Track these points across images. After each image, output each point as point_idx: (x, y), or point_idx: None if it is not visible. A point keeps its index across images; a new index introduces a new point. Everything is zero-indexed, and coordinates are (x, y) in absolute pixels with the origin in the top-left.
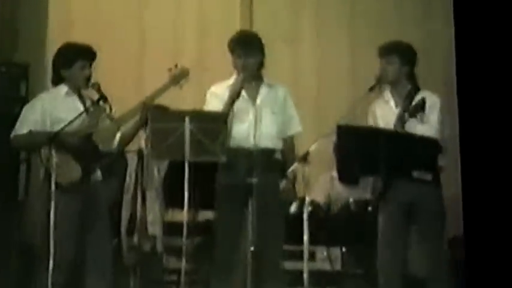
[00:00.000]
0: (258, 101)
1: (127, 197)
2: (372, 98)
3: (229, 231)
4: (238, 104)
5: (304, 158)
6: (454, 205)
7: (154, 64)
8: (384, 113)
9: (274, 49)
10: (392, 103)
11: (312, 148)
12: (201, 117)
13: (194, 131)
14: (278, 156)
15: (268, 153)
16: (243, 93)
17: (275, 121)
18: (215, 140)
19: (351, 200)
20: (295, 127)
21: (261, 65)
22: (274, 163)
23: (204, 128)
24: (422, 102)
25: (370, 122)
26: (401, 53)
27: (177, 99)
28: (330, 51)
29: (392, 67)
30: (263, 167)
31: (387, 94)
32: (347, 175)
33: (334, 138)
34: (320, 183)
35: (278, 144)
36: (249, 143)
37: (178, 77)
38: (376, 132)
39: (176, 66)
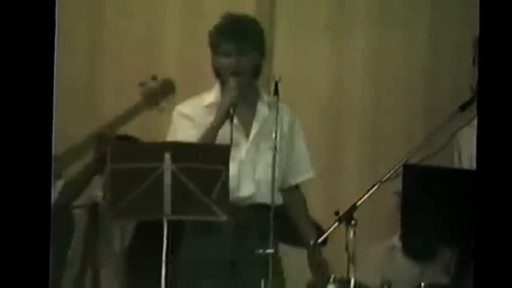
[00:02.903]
0: (254, 129)
1: (70, 276)
2: (455, 120)
3: None
4: (224, 135)
5: (349, 216)
6: None
7: (118, 73)
8: (472, 149)
9: (306, 42)
10: None
11: (362, 201)
12: (189, 153)
13: (179, 175)
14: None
15: (264, 212)
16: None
17: (277, 162)
18: (211, 189)
19: (423, 284)
20: (305, 171)
21: (257, 69)
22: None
23: (193, 169)
24: None
25: (455, 160)
26: None
27: (153, 126)
28: (395, 45)
29: None
30: (260, 234)
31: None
32: (417, 244)
33: (397, 185)
34: (372, 257)
35: (280, 198)
36: (240, 196)
37: (157, 95)
38: (467, 177)
39: (154, 78)
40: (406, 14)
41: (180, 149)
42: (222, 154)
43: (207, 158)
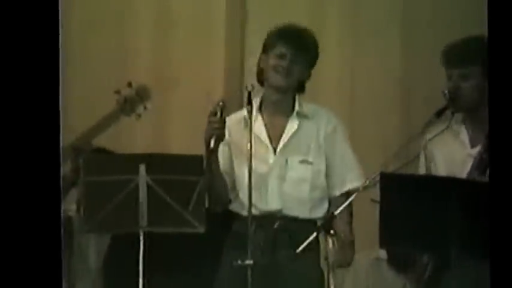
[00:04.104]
0: (281, 143)
1: None
2: (430, 127)
3: None
4: (252, 149)
5: (328, 226)
6: None
7: (91, 83)
8: (451, 154)
9: None
10: (465, 139)
11: (340, 209)
12: (165, 164)
13: (154, 186)
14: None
15: (295, 225)
16: (260, 130)
17: (308, 176)
18: (187, 200)
19: None
20: (350, 181)
21: (301, 84)
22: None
23: (169, 181)
24: None
25: (421, 168)
26: (483, 61)
27: (128, 138)
28: (369, 56)
29: (468, 84)
30: (289, 247)
31: (458, 124)
32: (401, 254)
33: (375, 193)
34: (356, 268)
35: (317, 211)
36: (265, 209)
37: (133, 101)
38: (447, 184)
39: (130, 85)
40: (378, 24)
41: (154, 161)
42: (198, 165)
43: (182, 169)
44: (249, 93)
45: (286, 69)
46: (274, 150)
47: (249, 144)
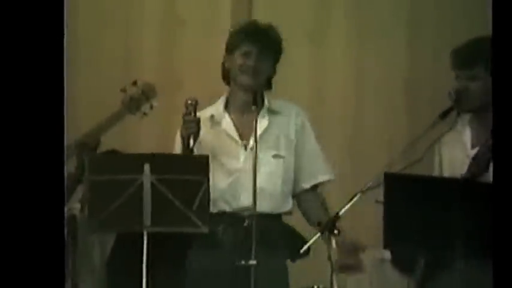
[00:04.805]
0: (252, 140)
1: None
2: (441, 127)
3: None
4: (222, 146)
5: (332, 226)
6: None
7: (97, 83)
8: (454, 155)
9: (284, 51)
10: (468, 140)
11: (344, 210)
12: (169, 164)
13: (158, 186)
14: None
15: (267, 221)
16: (229, 127)
17: (281, 170)
18: (191, 200)
19: None
20: (320, 173)
21: (268, 81)
22: (278, 236)
23: (173, 180)
24: None
25: (436, 167)
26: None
27: (134, 137)
28: (374, 56)
29: (476, 85)
30: (261, 243)
31: (463, 124)
32: (405, 255)
33: (379, 193)
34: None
35: (285, 205)
36: (238, 205)
37: (138, 100)
38: (451, 185)
39: (135, 83)
40: (384, 24)
41: (159, 160)
42: (202, 165)
43: (187, 169)
44: (255, 94)
45: (253, 68)
46: (245, 146)
47: (252, 143)
